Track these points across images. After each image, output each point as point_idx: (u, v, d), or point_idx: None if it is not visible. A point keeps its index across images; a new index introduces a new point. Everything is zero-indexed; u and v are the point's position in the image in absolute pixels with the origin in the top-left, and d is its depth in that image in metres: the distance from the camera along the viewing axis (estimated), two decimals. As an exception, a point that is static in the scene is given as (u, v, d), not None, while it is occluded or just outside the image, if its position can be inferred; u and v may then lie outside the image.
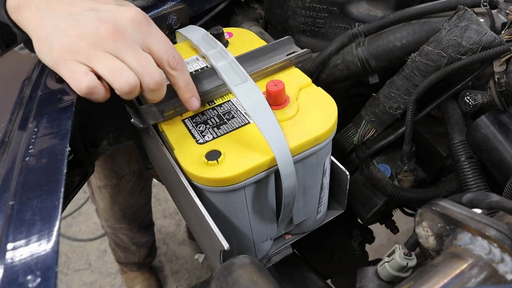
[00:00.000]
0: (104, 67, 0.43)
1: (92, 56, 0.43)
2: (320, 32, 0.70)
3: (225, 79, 0.51)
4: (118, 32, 0.44)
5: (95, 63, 0.43)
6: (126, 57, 0.44)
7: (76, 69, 0.43)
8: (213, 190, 0.45)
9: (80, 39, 0.43)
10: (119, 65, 0.43)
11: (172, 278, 1.69)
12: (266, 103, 0.47)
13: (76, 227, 1.86)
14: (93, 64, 0.43)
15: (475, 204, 0.35)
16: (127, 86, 0.43)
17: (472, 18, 0.54)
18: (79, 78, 0.43)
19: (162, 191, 1.94)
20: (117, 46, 0.43)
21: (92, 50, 0.43)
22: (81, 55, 0.43)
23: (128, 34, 0.44)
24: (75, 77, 0.43)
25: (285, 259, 0.58)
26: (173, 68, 0.47)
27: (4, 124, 0.44)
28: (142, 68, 0.44)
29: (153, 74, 0.44)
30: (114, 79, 0.43)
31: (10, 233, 0.33)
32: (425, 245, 0.36)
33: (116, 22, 0.44)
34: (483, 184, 0.57)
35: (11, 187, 0.36)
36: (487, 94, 0.58)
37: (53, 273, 0.30)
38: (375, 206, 0.72)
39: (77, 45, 0.43)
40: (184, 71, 0.48)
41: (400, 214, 0.88)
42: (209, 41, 0.58)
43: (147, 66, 0.44)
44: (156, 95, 0.47)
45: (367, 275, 0.45)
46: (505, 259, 0.29)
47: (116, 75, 0.43)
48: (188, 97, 0.48)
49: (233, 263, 0.39)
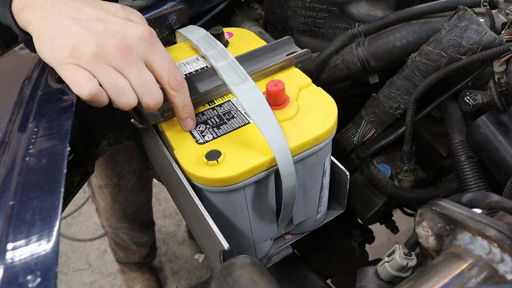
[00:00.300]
0: (108, 81, 0.44)
1: (95, 66, 0.43)
2: (320, 32, 0.70)
3: (225, 79, 0.51)
4: (125, 48, 0.44)
5: (99, 74, 0.44)
6: (130, 75, 0.44)
7: (78, 73, 0.43)
8: (213, 190, 0.45)
9: (85, 45, 0.43)
10: (123, 84, 0.44)
11: (172, 278, 1.69)
12: (266, 103, 0.47)
13: (76, 227, 1.86)
14: (96, 73, 0.44)
15: (475, 204, 0.35)
16: (128, 105, 0.45)
17: (472, 18, 0.54)
18: (82, 83, 0.43)
19: (162, 191, 1.94)
20: (122, 62, 0.44)
21: (96, 61, 0.43)
22: (83, 61, 0.43)
23: (134, 51, 0.45)
24: (77, 80, 0.43)
25: (285, 259, 0.58)
26: (173, 89, 0.47)
27: (4, 124, 0.44)
28: (144, 88, 0.45)
29: (154, 95, 0.46)
30: (116, 95, 0.44)
31: (10, 233, 0.33)
32: (425, 245, 0.36)
33: (123, 37, 0.44)
34: (483, 184, 0.57)
35: (11, 187, 0.36)
36: (487, 94, 0.58)
37: (53, 273, 0.30)
38: (375, 206, 0.72)
39: (81, 50, 0.43)
40: (184, 92, 0.48)
41: (400, 214, 0.88)
42: (209, 41, 0.58)
43: (149, 86, 0.45)
44: (152, 109, 0.48)
45: (367, 275, 0.45)
46: (505, 259, 0.29)
47: (119, 93, 0.44)
48: (184, 117, 0.49)
49: (233, 263, 0.39)
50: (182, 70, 0.58)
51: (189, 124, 0.49)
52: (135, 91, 0.45)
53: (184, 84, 0.48)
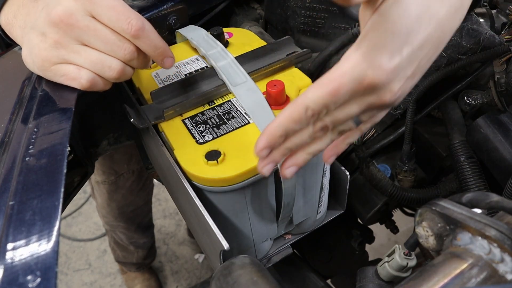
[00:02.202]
0: (83, 62, 0.44)
1: (65, 55, 0.44)
2: (320, 32, 0.70)
3: (225, 79, 0.51)
4: (68, 17, 0.42)
5: (73, 59, 0.44)
6: (94, 43, 0.43)
7: (66, 70, 0.44)
8: (213, 190, 0.45)
9: (44, 42, 0.44)
10: (96, 55, 0.44)
11: (172, 278, 1.68)
12: (266, 103, 0.47)
13: (76, 227, 1.86)
14: (72, 61, 0.44)
15: (475, 204, 0.35)
16: (114, 77, 0.45)
17: (472, 18, 0.54)
18: (75, 76, 0.44)
19: (162, 191, 1.94)
20: (78, 32, 0.43)
21: (62, 50, 0.44)
22: (58, 58, 0.44)
23: (75, 15, 0.42)
24: (71, 76, 0.44)
25: (285, 259, 0.58)
26: (134, 36, 0.43)
27: (4, 124, 0.44)
28: (97, 67, 0.44)
29: (112, 67, 0.44)
30: (99, 71, 0.44)
31: (10, 233, 0.33)
32: (425, 245, 0.36)
33: (61, 10, 0.42)
34: (483, 184, 0.57)
35: (11, 187, 0.36)
36: (487, 94, 0.58)
37: (53, 273, 0.30)
38: (375, 206, 0.71)
39: (44, 49, 0.44)
40: (148, 36, 0.43)
41: (400, 214, 0.88)
42: (209, 41, 0.58)
43: (101, 62, 0.44)
44: (139, 67, 0.46)
45: (367, 275, 0.45)
46: (505, 259, 0.29)
47: (98, 68, 0.44)
48: (160, 60, 0.46)
49: (233, 263, 0.39)
50: (182, 70, 0.58)
51: (167, 63, 0.47)
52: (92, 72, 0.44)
53: (144, 26, 0.43)
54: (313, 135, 0.36)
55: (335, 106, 0.33)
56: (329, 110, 0.34)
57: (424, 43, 0.33)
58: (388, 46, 0.31)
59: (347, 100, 0.34)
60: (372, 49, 0.31)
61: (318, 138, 0.37)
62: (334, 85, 0.32)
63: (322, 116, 0.34)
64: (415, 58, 0.33)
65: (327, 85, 0.32)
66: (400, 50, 0.32)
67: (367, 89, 0.33)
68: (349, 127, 0.37)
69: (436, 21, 0.33)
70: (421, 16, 0.32)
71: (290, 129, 0.34)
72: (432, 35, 0.33)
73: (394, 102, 0.35)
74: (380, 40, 0.31)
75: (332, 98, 0.32)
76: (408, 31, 0.32)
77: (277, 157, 0.37)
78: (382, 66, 0.31)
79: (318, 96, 0.33)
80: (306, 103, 0.33)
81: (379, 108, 0.35)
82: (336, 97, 0.32)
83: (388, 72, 0.32)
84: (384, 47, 0.31)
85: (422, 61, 0.34)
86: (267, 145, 0.35)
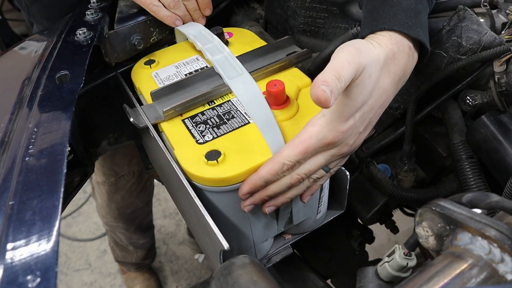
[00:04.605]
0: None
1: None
2: (320, 32, 0.70)
3: (221, 72, 0.51)
4: None
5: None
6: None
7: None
8: (213, 190, 0.45)
9: None
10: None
11: (172, 278, 1.68)
12: (262, 96, 0.47)
13: (76, 227, 1.86)
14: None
15: (475, 204, 0.35)
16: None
17: (472, 18, 0.54)
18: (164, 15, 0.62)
19: (162, 191, 1.94)
20: None
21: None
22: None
23: None
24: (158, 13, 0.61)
25: (285, 259, 0.58)
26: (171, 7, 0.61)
27: (4, 124, 0.44)
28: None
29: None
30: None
31: (10, 233, 0.33)
32: (425, 245, 0.36)
33: None
34: (483, 184, 0.57)
35: (11, 187, 0.36)
36: (487, 94, 0.58)
37: (53, 273, 0.30)
38: (375, 206, 0.71)
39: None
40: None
41: (400, 214, 0.88)
42: (206, 36, 0.58)
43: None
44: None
45: (367, 275, 0.45)
46: (505, 259, 0.29)
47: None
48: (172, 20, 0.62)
49: (233, 263, 0.39)
50: (182, 70, 0.58)
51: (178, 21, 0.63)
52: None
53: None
54: (291, 186, 0.45)
55: (305, 160, 0.43)
56: (300, 164, 0.43)
57: (372, 107, 0.43)
58: (344, 114, 0.42)
59: (315, 155, 0.44)
60: (332, 117, 0.42)
61: (296, 186, 0.45)
62: (304, 145, 0.42)
63: (295, 168, 0.44)
64: (366, 118, 0.44)
65: (298, 146, 0.42)
66: (354, 115, 0.42)
67: (329, 145, 0.43)
68: (321, 175, 0.46)
69: (383, 90, 0.44)
70: (372, 90, 0.42)
71: (270, 180, 0.44)
72: (378, 100, 0.44)
73: (352, 151, 0.46)
74: (340, 110, 0.42)
75: (302, 155, 0.42)
76: (362, 103, 0.42)
77: (257, 201, 0.45)
78: (339, 129, 0.42)
79: (292, 155, 0.42)
80: (282, 160, 0.42)
81: (341, 157, 0.46)
82: (306, 154, 0.43)
83: (343, 132, 0.42)
84: (341, 115, 0.42)
85: (371, 119, 0.45)
86: (249, 191, 0.44)
